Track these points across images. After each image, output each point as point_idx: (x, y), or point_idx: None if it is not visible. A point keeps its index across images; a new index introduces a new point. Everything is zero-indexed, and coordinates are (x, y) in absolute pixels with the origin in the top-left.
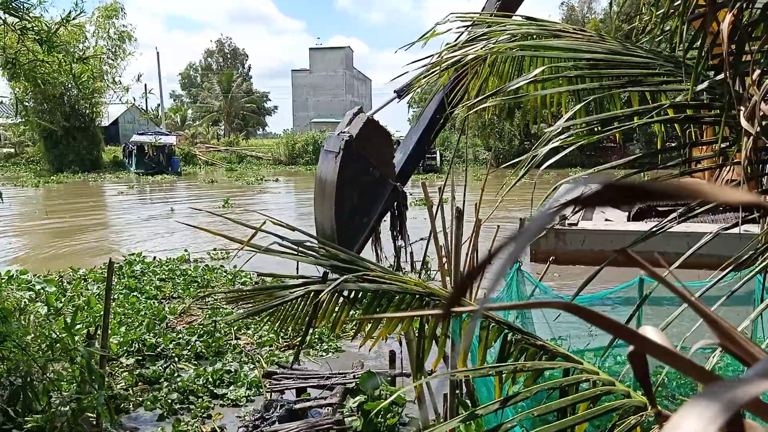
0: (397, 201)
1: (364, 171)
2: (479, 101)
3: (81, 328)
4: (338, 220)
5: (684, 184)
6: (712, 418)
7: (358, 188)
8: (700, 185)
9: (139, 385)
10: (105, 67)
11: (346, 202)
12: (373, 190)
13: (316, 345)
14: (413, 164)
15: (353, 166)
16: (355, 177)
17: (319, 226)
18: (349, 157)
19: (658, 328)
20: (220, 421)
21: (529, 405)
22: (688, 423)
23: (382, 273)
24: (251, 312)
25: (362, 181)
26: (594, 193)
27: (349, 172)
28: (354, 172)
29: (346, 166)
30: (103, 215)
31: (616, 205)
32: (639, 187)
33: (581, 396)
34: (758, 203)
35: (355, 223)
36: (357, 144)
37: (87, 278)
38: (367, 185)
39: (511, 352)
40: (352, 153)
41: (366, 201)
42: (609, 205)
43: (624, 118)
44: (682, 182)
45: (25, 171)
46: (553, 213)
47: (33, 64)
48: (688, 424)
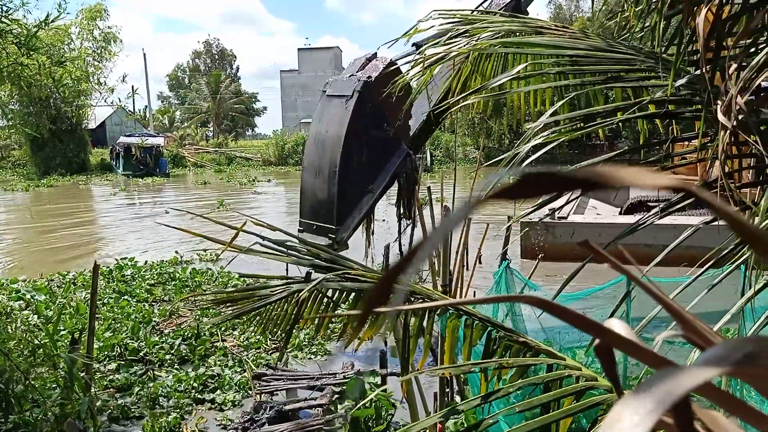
0: (407, 172)
1: (377, 125)
2: (462, 98)
3: (65, 334)
4: (341, 181)
5: (603, 171)
6: (652, 409)
7: (368, 145)
8: (620, 171)
9: (108, 390)
10: (90, 69)
11: (353, 159)
12: (383, 152)
13: (305, 347)
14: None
15: (367, 115)
16: (367, 130)
17: (308, 195)
18: (364, 103)
19: (623, 322)
20: (203, 425)
21: (518, 401)
22: (627, 415)
23: (363, 272)
24: (235, 314)
25: (373, 137)
26: (512, 184)
27: (361, 122)
28: (366, 123)
29: (359, 114)
30: (94, 218)
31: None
32: (558, 176)
33: (564, 391)
34: (680, 187)
35: (358, 188)
36: (374, 90)
37: (76, 282)
38: (378, 144)
39: (496, 349)
40: (368, 99)
41: (374, 164)
42: (530, 196)
43: (606, 114)
44: (601, 169)
45: (12, 174)
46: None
47: (14, 67)
48: (628, 416)
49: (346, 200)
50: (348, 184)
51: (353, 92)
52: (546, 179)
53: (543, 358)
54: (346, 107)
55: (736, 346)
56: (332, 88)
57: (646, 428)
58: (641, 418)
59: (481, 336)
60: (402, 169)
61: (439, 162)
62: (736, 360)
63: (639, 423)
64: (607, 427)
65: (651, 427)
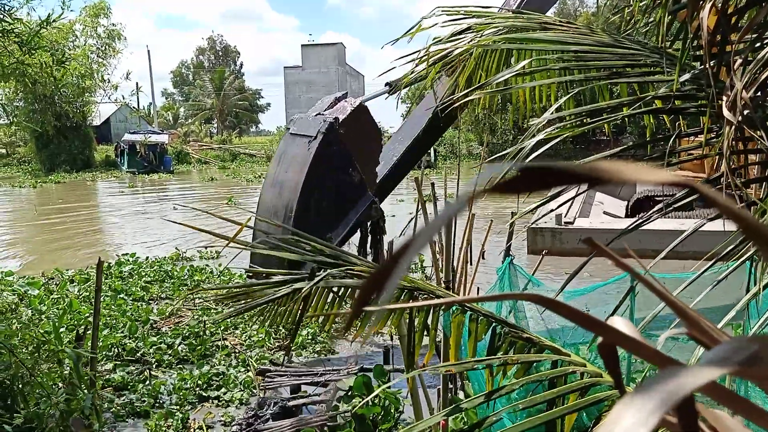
0: (372, 221)
1: (342, 168)
2: (466, 95)
3: (65, 331)
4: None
5: (604, 166)
6: (655, 409)
7: (330, 189)
8: (619, 166)
9: (105, 389)
10: (94, 66)
11: (312, 204)
12: (346, 198)
13: (309, 345)
14: (395, 180)
15: (331, 158)
16: (330, 174)
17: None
18: (329, 145)
19: (626, 319)
20: (210, 421)
21: (522, 398)
22: (629, 414)
23: (367, 268)
24: (239, 311)
25: (337, 181)
26: (513, 177)
27: (324, 165)
28: (330, 166)
29: (322, 156)
30: (100, 214)
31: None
32: (555, 170)
33: (569, 388)
34: (681, 183)
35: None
36: (342, 131)
37: (73, 279)
38: (342, 189)
39: (500, 345)
40: (333, 141)
41: (335, 210)
42: (530, 190)
43: (611, 110)
44: (602, 164)
45: (17, 171)
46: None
47: (17, 65)
48: (630, 415)
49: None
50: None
51: (318, 133)
52: (546, 173)
53: (547, 355)
54: (308, 148)
55: (740, 346)
56: (296, 126)
57: (649, 427)
58: (644, 417)
59: (486, 332)
60: (365, 217)
61: (443, 158)
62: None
63: (642, 422)
64: (610, 426)
65: (654, 426)
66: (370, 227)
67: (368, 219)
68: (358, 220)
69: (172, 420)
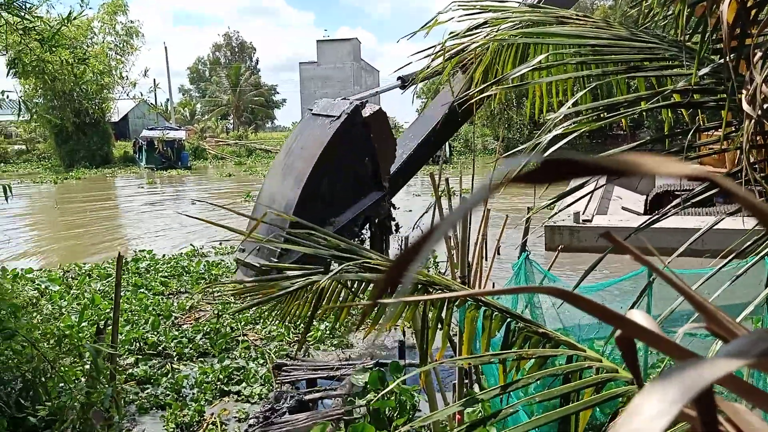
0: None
1: (358, 156)
2: (482, 90)
3: (87, 325)
4: (302, 201)
5: (625, 159)
6: (674, 400)
7: (343, 174)
8: (641, 159)
9: (129, 383)
10: (113, 63)
11: (323, 182)
12: (359, 186)
13: (326, 338)
14: (405, 177)
15: (351, 142)
16: (348, 156)
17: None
18: (353, 125)
19: (645, 313)
20: (225, 416)
21: (537, 392)
22: (649, 405)
23: (382, 262)
24: (254, 304)
25: (353, 166)
26: (534, 169)
27: (343, 147)
28: (348, 149)
29: (342, 136)
30: (120, 210)
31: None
32: (579, 163)
33: (584, 383)
34: (702, 176)
35: (318, 214)
36: (365, 120)
37: (91, 274)
38: (356, 176)
39: (515, 341)
40: (358, 122)
41: (343, 196)
42: (551, 181)
43: (629, 104)
44: (624, 157)
45: (37, 167)
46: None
47: (37, 62)
48: (649, 407)
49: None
50: (309, 205)
51: (342, 113)
52: (568, 165)
53: (563, 350)
54: (329, 127)
55: (759, 338)
56: (319, 107)
57: (668, 419)
58: (663, 409)
59: (500, 327)
60: (373, 212)
61: (458, 153)
62: (760, 352)
63: (661, 413)
64: (629, 417)
65: (673, 418)
66: (378, 224)
67: (377, 215)
68: (366, 213)
69: (188, 412)
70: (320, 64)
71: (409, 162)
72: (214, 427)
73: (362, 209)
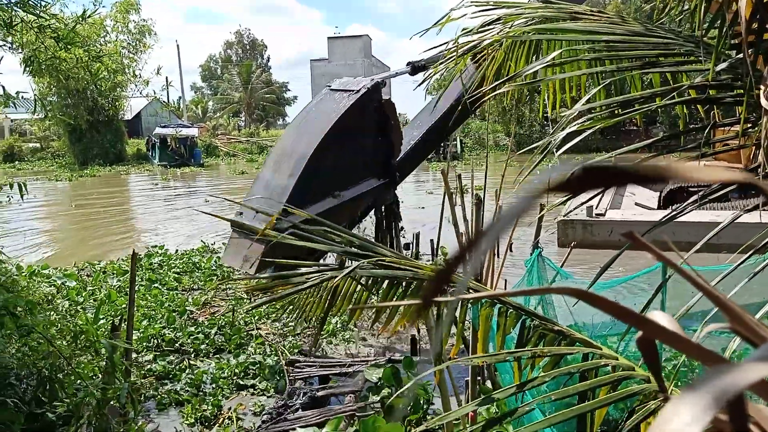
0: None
1: (372, 134)
2: (495, 87)
3: (103, 322)
4: (309, 165)
5: (663, 166)
6: (708, 407)
7: (353, 150)
8: (680, 166)
9: (148, 378)
10: (126, 61)
11: (331, 153)
12: (365, 167)
13: (338, 334)
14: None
15: (365, 117)
16: (359, 132)
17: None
18: (371, 102)
19: (667, 313)
20: (241, 411)
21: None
22: (682, 411)
23: (396, 259)
24: (269, 300)
25: (362, 144)
26: (575, 176)
27: (357, 120)
28: (362, 124)
29: (358, 110)
30: (134, 207)
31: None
32: (618, 171)
33: (600, 381)
34: (743, 180)
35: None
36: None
37: (106, 271)
38: (364, 155)
39: (530, 338)
40: (376, 99)
41: (350, 173)
42: (591, 188)
43: (644, 100)
44: (662, 164)
45: (51, 165)
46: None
47: (52, 60)
48: (683, 413)
49: (304, 188)
50: (314, 173)
51: (362, 87)
52: (608, 173)
53: (579, 347)
54: (347, 100)
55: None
56: (338, 83)
57: (702, 425)
58: (697, 415)
59: (515, 325)
60: (379, 196)
61: (469, 149)
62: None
63: (695, 420)
64: (663, 423)
65: (707, 425)
66: (384, 211)
67: (382, 201)
68: (371, 197)
69: (207, 406)
70: (331, 61)
71: (413, 151)
72: (230, 421)
73: (368, 189)
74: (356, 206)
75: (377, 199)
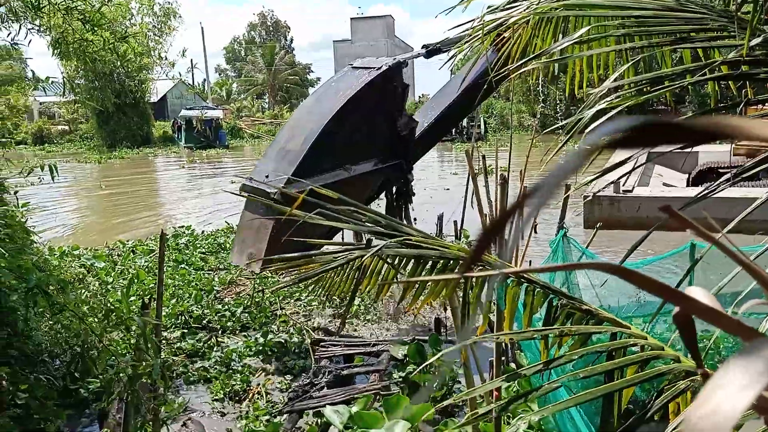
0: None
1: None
2: (522, 65)
3: (135, 299)
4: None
5: (728, 121)
6: (759, 374)
7: (369, 126)
8: (741, 121)
9: (179, 356)
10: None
11: (346, 125)
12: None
13: (362, 314)
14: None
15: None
16: (377, 108)
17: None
18: (391, 80)
19: (705, 289)
20: (269, 387)
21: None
22: (731, 379)
23: (423, 238)
24: (296, 280)
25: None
26: (632, 131)
27: (376, 97)
28: (381, 101)
29: (377, 87)
30: (159, 188)
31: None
32: (680, 126)
33: (629, 360)
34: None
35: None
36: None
37: (135, 251)
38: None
39: (557, 317)
40: (397, 79)
41: (364, 149)
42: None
43: (675, 77)
44: (721, 119)
45: (80, 147)
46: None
47: (80, 43)
48: (732, 381)
49: (316, 156)
50: (327, 143)
51: (384, 65)
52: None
53: (607, 326)
54: (367, 77)
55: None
56: (360, 62)
57: (754, 392)
58: (748, 382)
59: (542, 304)
60: (391, 176)
61: (493, 130)
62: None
63: (746, 386)
64: (715, 389)
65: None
66: (396, 191)
67: (395, 180)
68: (382, 176)
69: (236, 381)
70: (354, 42)
71: (427, 134)
72: (259, 396)
73: (380, 168)
74: (366, 184)
75: (389, 179)
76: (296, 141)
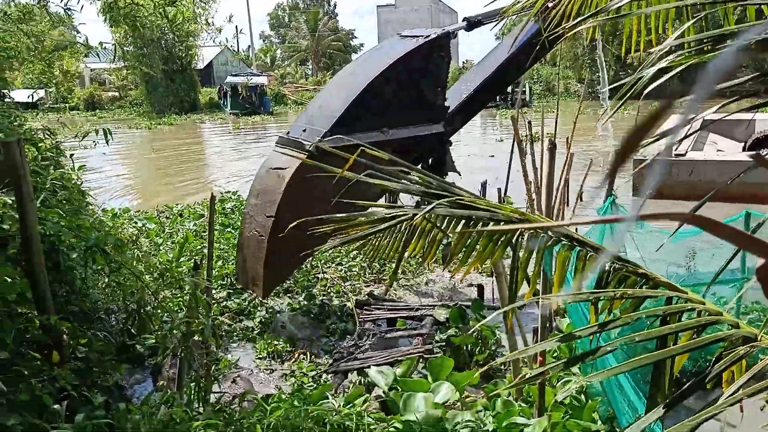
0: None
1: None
2: (577, 24)
3: (185, 260)
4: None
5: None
6: None
7: (412, 92)
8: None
9: (226, 315)
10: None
11: (388, 88)
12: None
13: (404, 278)
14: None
15: (428, 63)
16: (421, 75)
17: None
18: (439, 50)
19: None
20: (315, 348)
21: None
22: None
23: (474, 199)
24: (344, 242)
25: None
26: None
27: (420, 63)
28: (425, 69)
29: (422, 54)
30: (206, 153)
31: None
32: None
33: (686, 324)
34: None
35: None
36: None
37: (183, 214)
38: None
39: (609, 281)
40: (444, 49)
41: (403, 113)
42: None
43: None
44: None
45: (130, 113)
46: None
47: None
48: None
49: (354, 115)
50: (367, 103)
51: (432, 33)
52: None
53: (662, 291)
54: (416, 43)
55: None
56: (408, 31)
57: None
58: None
59: (593, 268)
60: (429, 144)
61: (539, 96)
62: None
63: None
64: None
65: None
66: (432, 161)
67: (432, 150)
68: (418, 145)
69: (280, 341)
70: (398, 6)
71: (466, 104)
72: (305, 356)
73: (417, 135)
74: (402, 149)
75: (426, 148)
76: (337, 98)
